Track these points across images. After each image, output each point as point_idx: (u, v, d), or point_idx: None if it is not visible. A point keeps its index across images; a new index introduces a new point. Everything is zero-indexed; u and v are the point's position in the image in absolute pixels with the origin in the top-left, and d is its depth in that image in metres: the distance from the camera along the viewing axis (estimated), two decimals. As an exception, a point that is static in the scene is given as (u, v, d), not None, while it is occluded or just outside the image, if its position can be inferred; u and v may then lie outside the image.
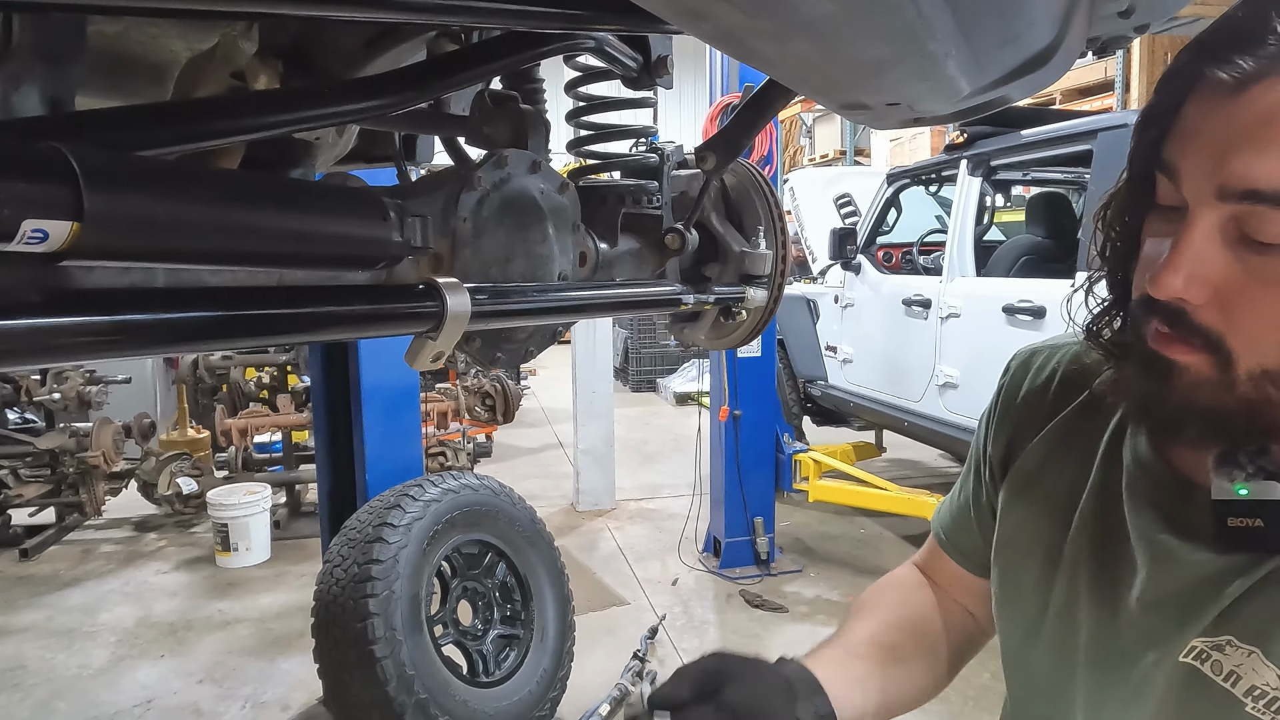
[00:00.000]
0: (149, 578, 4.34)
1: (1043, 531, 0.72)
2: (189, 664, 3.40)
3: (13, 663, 3.43)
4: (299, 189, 0.60)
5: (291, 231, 0.53)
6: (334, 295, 0.56)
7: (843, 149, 11.07)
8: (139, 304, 0.45)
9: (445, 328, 0.63)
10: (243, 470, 5.14)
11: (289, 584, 4.20)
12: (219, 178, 0.51)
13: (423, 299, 0.62)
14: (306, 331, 0.54)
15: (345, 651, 2.34)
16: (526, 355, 0.99)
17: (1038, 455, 0.75)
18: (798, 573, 4.26)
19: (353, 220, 0.58)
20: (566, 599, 2.97)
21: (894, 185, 4.87)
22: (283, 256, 0.54)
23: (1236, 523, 0.54)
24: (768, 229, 1.37)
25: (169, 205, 0.45)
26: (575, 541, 4.78)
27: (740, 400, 4.20)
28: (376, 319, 0.58)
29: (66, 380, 4.92)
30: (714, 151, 1.15)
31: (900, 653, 0.83)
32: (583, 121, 1.28)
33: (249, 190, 0.50)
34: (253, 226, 0.49)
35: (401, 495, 2.62)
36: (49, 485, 4.84)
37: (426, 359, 0.65)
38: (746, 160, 1.49)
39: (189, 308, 0.47)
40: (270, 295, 0.53)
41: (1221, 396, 0.54)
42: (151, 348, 0.46)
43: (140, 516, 5.20)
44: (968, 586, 0.88)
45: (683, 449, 6.37)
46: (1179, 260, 0.52)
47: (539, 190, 0.95)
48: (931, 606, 0.88)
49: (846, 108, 0.77)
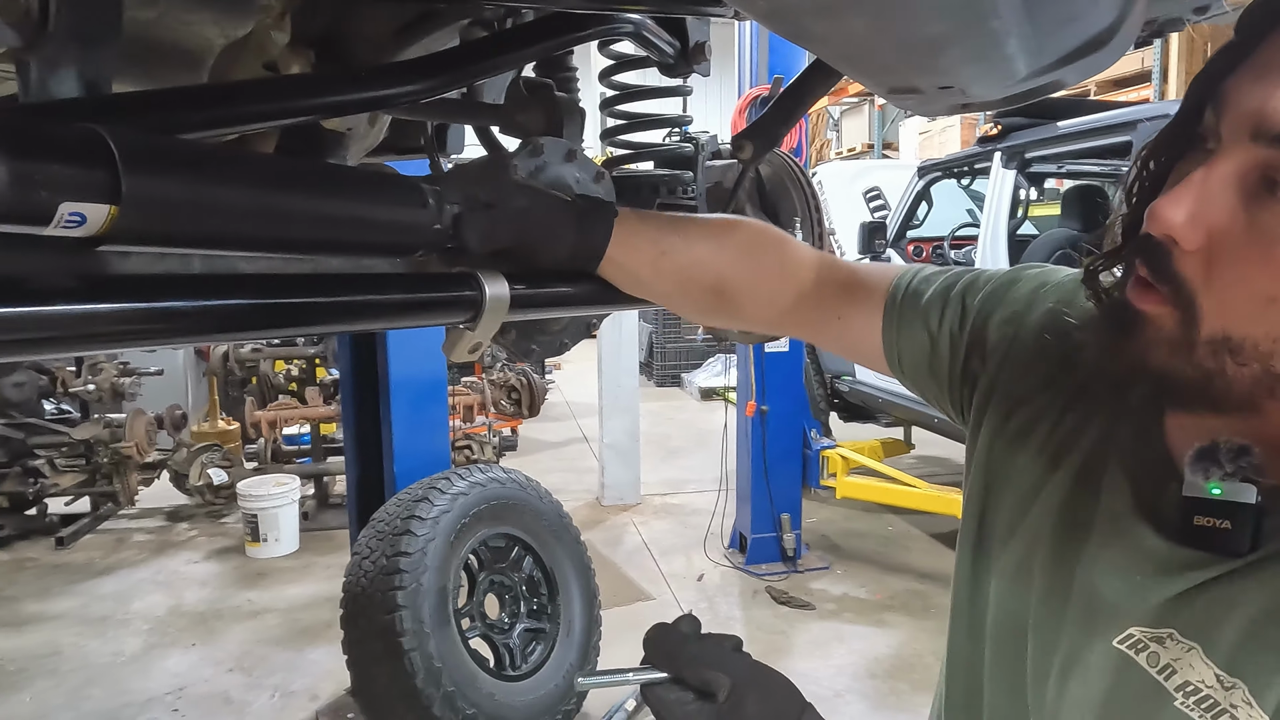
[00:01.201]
0: (180, 567, 4.40)
1: (1024, 476, 0.67)
2: (218, 653, 3.44)
3: (48, 649, 3.49)
4: (337, 174, 0.59)
5: (329, 217, 0.51)
6: (370, 284, 0.54)
7: (870, 142, 10.96)
8: (176, 290, 0.44)
9: (484, 317, 0.62)
10: (272, 462, 5.20)
11: (317, 575, 4.24)
12: (257, 161, 0.50)
13: (460, 287, 0.61)
14: (343, 321, 0.53)
15: (373, 643, 2.35)
16: (561, 347, 0.97)
17: (1041, 396, 0.69)
18: (825, 570, 4.23)
19: (391, 206, 0.56)
20: (593, 593, 2.96)
21: (925, 178, 4.80)
22: (321, 243, 0.52)
23: (1203, 522, 0.52)
24: (804, 220, 1.34)
25: (207, 189, 0.44)
26: (600, 536, 4.77)
27: (767, 396, 4.16)
28: (414, 308, 0.57)
29: (101, 372, 5.00)
30: (751, 140, 1.12)
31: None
32: (616, 111, 1.26)
33: (287, 174, 0.49)
34: (291, 211, 0.48)
35: (429, 488, 2.62)
36: (84, 475, 4.92)
37: (464, 350, 0.63)
38: (782, 150, 1.46)
39: (225, 295, 0.45)
40: (306, 283, 0.52)
41: (1176, 359, 0.51)
42: (187, 336, 0.45)
43: (172, 506, 5.27)
44: (850, 329, 0.82)
45: (707, 444, 6.35)
46: (1186, 194, 0.49)
47: (574, 179, 0.93)
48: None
49: (895, 92, 0.74)
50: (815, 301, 0.84)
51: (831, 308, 0.84)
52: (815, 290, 0.84)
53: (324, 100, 0.59)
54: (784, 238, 0.88)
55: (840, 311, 0.84)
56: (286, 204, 0.48)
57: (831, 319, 0.85)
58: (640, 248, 0.78)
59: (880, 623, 3.67)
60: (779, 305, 0.85)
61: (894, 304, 0.81)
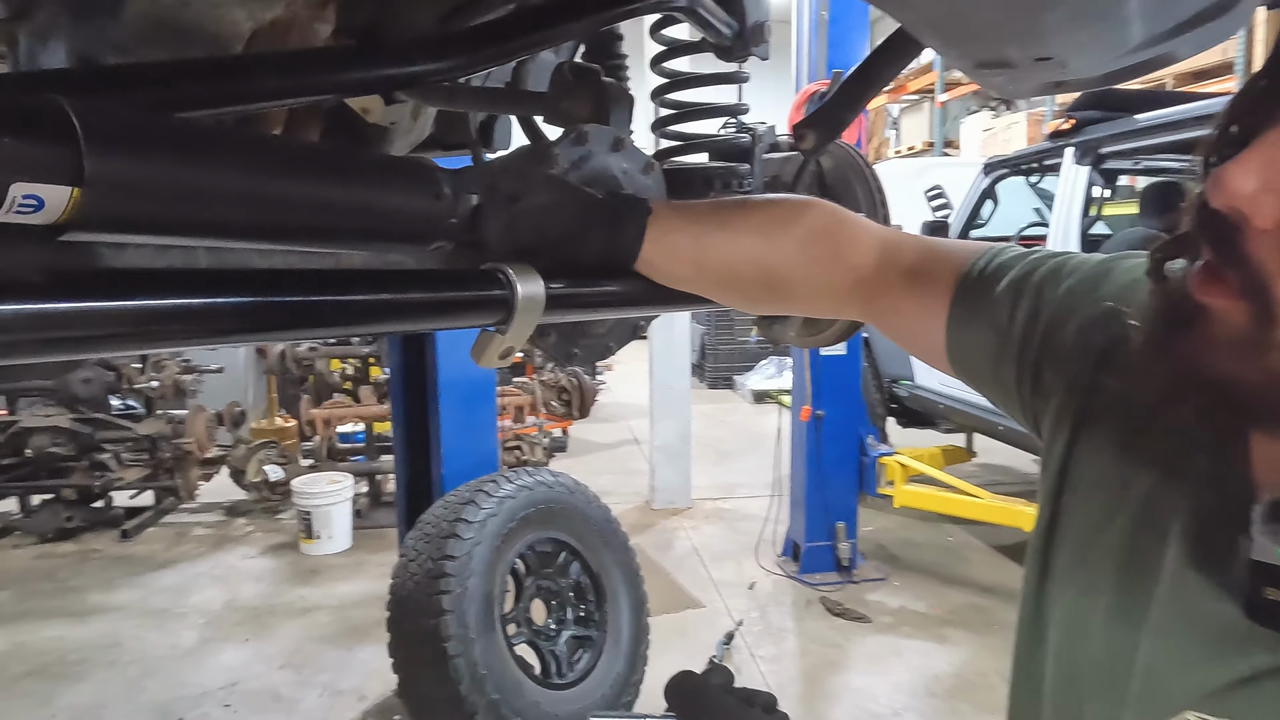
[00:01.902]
0: (236, 562, 4.47)
1: (1088, 510, 0.57)
2: (270, 649, 3.47)
3: (109, 640, 3.56)
4: (338, 156, 0.53)
5: (329, 203, 0.46)
6: (387, 282, 0.48)
7: (930, 140, 10.67)
8: (156, 287, 0.38)
9: (515, 319, 0.55)
10: (327, 459, 5.26)
11: (368, 573, 4.26)
12: (245, 141, 0.44)
13: (489, 286, 0.54)
14: (354, 322, 0.47)
15: (418, 648, 2.32)
16: (606, 351, 0.90)
17: (1120, 410, 0.58)
18: (881, 581, 4.09)
19: (400, 194, 0.50)
20: (641, 601, 2.90)
21: (991, 175, 4.61)
22: (319, 231, 0.47)
23: (1276, 595, 0.42)
24: (870, 215, 1.24)
25: (186, 170, 0.38)
26: (650, 540, 4.70)
27: (823, 400, 4.04)
28: (436, 309, 0.50)
29: (164, 369, 5.12)
30: (812, 129, 1.04)
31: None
32: (668, 100, 1.19)
33: (279, 156, 0.43)
34: (282, 196, 0.42)
35: (476, 491, 2.58)
36: (148, 469, 5.04)
37: (494, 355, 0.57)
38: (845, 142, 1.37)
39: (209, 292, 0.40)
40: (311, 280, 0.46)
41: (1243, 363, 0.41)
42: (169, 339, 0.40)
43: (231, 501, 5.37)
44: (909, 320, 0.73)
45: (760, 448, 6.23)
46: (1258, 157, 0.39)
47: (621, 170, 0.86)
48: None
49: (984, 66, 0.65)
50: (874, 289, 0.75)
51: (890, 298, 0.75)
52: (875, 277, 0.75)
53: (340, 77, 0.53)
54: (842, 219, 0.79)
55: (899, 304, 0.74)
56: (278, 188, 0.42)
57: (890, 311, 0.75)
58: (679, 246, 0.71)
59: (940, 638, 3.53)
60: (835, 295, 0.77)
61: (963, 292, 0.70)
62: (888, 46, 0.89)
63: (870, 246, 0.76)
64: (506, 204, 0.61)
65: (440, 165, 0.57)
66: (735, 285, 0.74)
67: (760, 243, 0.74)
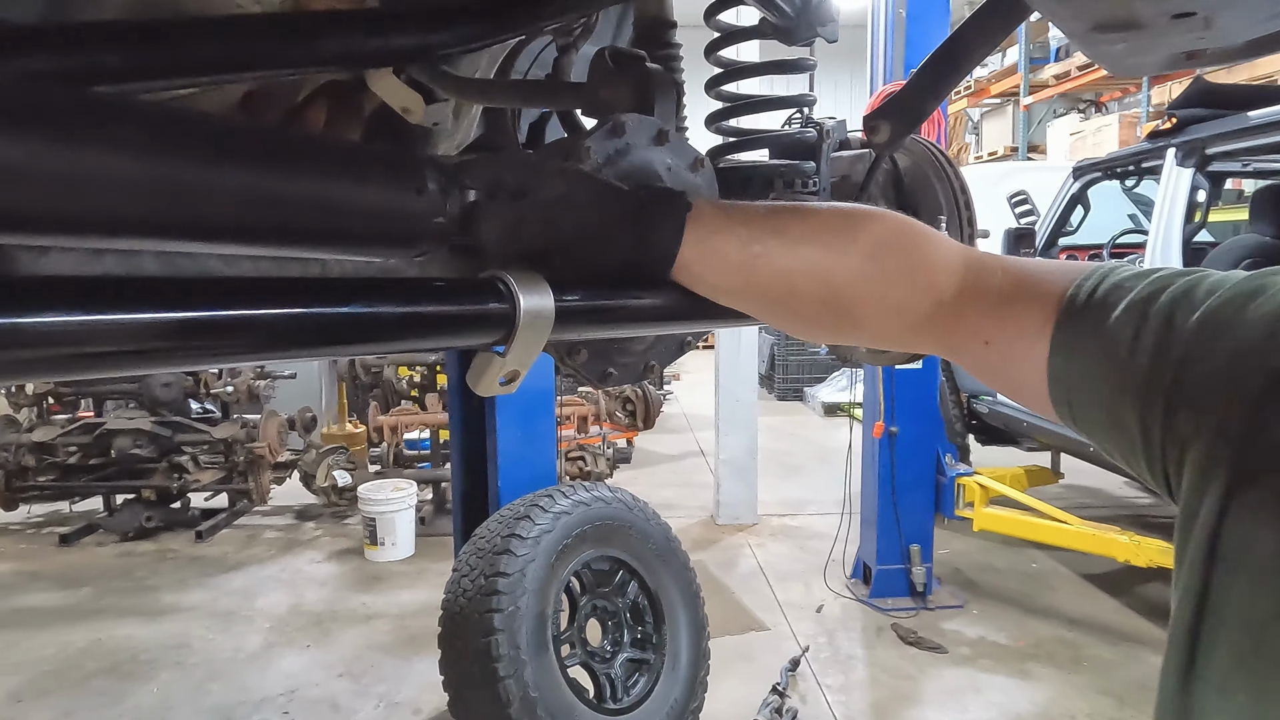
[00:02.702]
0: (303, 566, 4.52)
1: (1261, 587, 0.44)
2: (330, 656, 3.47)
3: (179, 640, 3.63)
4: (283, 140, 0.44)
5: (270, 197, 0.37)
6: (357, 292, 0.39)
7: (1013, 145, 10.27)
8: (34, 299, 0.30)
9: (518, 338, 0.46)
10: (393, 466, 5.30)
11: (429, 581, 4.25)
12: (160, 116, 0.36)
13: (485, 298, 0.45)
14: (308, 344, 0.38)
15: (468, 667, 2.25)
16: (646, 371, 0.80)
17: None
18: (958, 609, 3.86)
19: (366, 188, 0.41)
20: (701, 624, 2.78)
21: (1081, 179, 4.34)
22: (260, 231, 0.38)
23: None
24: (951, 219, 1.11)
25: (70, 152, 0.30)
26: (713, 557, 4.57)
27: (897, 415, 3.85)
28: (417, 326, 0.41)
29: (239, 374, 5.24)
30: (887, 120, 0.92)
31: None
32: (724, 92, 1.08)
33: (203, 137, 0.35)
34: (204, 187, 0.34)
35: (531, 505, 2.51)
36: (223, 472, 5.17)
37: (493, 380, 0.48)
38: (923, 137, 1.24)
39: (111, 307, 0.32)
40: (268, 289, 0.38)
41: None
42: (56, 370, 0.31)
43: (301, 505, 5.47)
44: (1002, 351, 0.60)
45: (830, 463, 6.02)
46: None
47: (665, 166, 0.76)
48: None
49: (1105, 28, 0.53)
50: (955, 316, 0.64)
51: (977, 327, 0.63)
52: (957, 301, 0.64)
53: (316, 47, 0.45)
54: (918, 232, 0.67)
55: (989, 334, 0.62)
56: (200, 177, 0.34)
57: (976, 342, 0.63)
58: (725, 251, 0.60)
59: (1023, 674, 3.29)
60: (910, 319, 0.65)
61: (1068, 320, 0.58)
62: (979, 17, 0.76)
63: (951, 265, 0.64)
64: (510, 200, 0.52)
65: (434, 158, 0.48)
66: (790, 303, 0.64)
67: (823, 253, 0.63)
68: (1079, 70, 8.29)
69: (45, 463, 4.99)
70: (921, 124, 0.94)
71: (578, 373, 0.73)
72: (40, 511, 5.38)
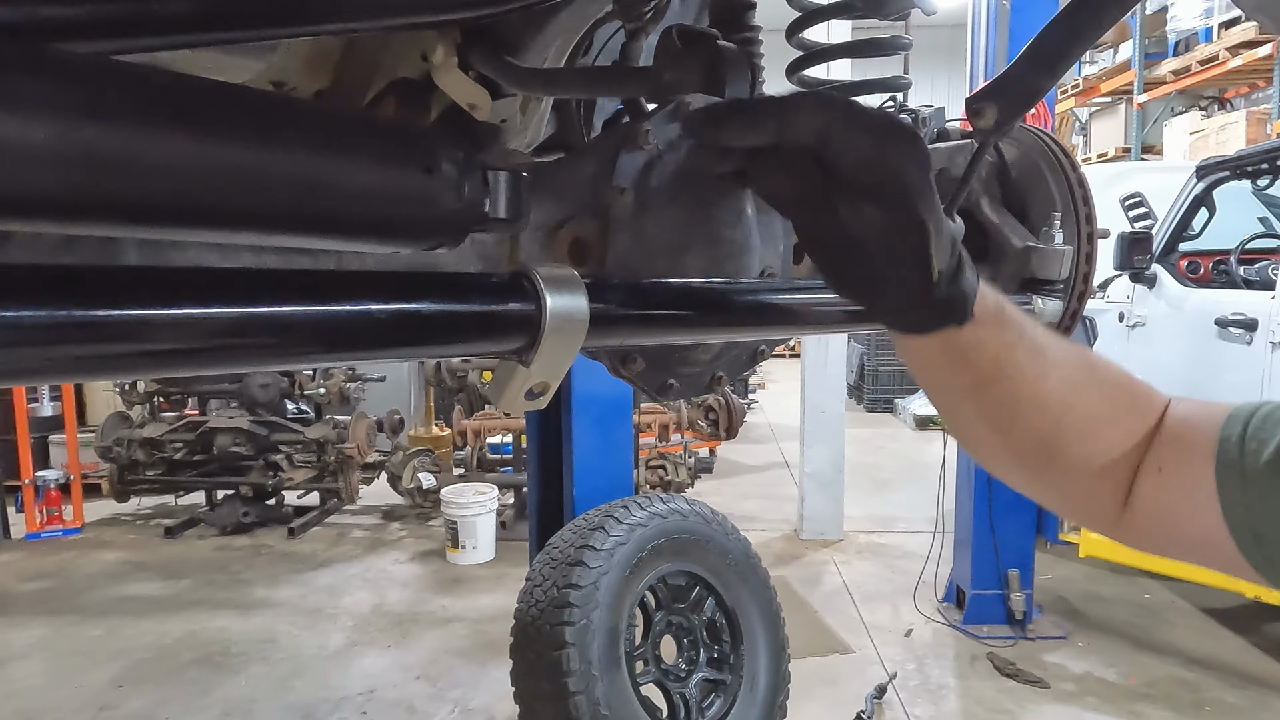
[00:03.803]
0: (387, 566, 4.60)
1: None
2: (409, 658, 3.50)
3: (266, 635, 3.73)
4: (256, 104, 0.37)
5: (226, 173, 0.30)
6: (328, 286, 0.33)
7: (1126, 145, 9.71)
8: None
9: (543, 345, 0.39)
10: (476, 470, 5.35)
11: (507, 586, 4.25)
12: (113, 72, 0.30)
13: (505, 298, 0.38)
14: (286, 351, 0.32)
15: (539, 680, 2.20)
16: (713, 384, 0.72)
17: None
18: (1062, 640, 3.59)
19: (357, 163, 0.35)
20: (781, 645, 2.65)
21: (1205, 180, 4.01)
22: (215, 213, 0.32)
23: None
24: (1067, 215, 0.99)
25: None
26: (796, 573, 4.42)
27: (995, 431, 3.62)
28: (411, 329, 0.34)
29: (331, 376, 5.40)
30: (993, 102, 0.81)
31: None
32: (806, 78, 0.99)
33: (145, 93, 0.29)
34: (140, 156, 0.28)
35: (606, 516, 2.45)
36: (314, 471, 5.33)
37: (517, 393, 0.40)
38: (1033, 125, 1.11)
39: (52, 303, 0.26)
40: (243, 282, 0.31)
41: None
42: None
43: (388, 506, 5.58)
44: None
45: (921, 479, 5.76)
46: None
47: (735, 153, 0.68)
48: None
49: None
50: (1140, 448, 0.59)
51: (1152, 453, 0.58)
52: (1147, 433, 0.59)
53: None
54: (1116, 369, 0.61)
55: (1161, 458, 0.58)
56: (131, 142, 0.28)
57: (1150, 470, 0.58)
58: (984, 341, 0.51)
59: (1135, 715, 3.03)
60: (1109, 462, 0.59)
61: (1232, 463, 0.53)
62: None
63: (1156, 402, 0.60)
64: (812, 169, 0.43)
65: (449, 131, 0.41)
66: (1003, 427, 0.56)
67: (1069, 390, 0.55)
68: (1200, 65, 7.73)
69: (154, 458, 5.25)
70: (1034, 106, 0.83)
71: (634, 384, 0.66)
72: (149, 504, 5.67)
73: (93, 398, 6.35)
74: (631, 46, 0.93)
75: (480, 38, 1.01)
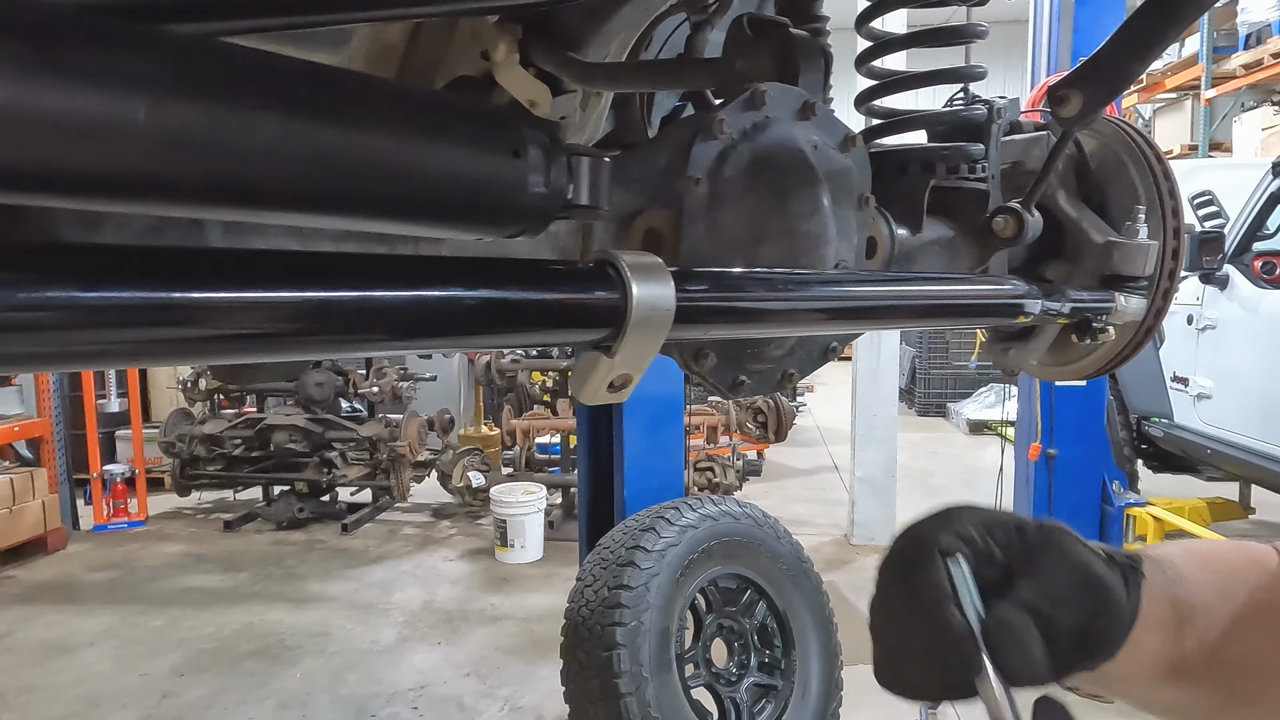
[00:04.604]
0: (437, 563, 4.65)
1: None
2: (459, 655, 3.53)
3: (321, 629, 3.80)
4: (344, 82, 0.36)
5: (293, 151, 0.29)
6: (417, 272, 0.32)
7: (1192, 143, 9.37)
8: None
9: (628, 336, 0.37)
10: (524, 469, 5.39)
11: (555, 586, 4.26)
12: (186, 48, 0.30)
13: (589, 285, 0.37)
14: (359, 337, 0.31)
15: (589, 681, 2.20)
16: (783, 380, 0.70)
17: None
18: (1126, 653, 3.47)
19: (449, 146, 0.34)
20: (834, 652, 2.61)
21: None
22: (276, 195, 0.31)
23: None
24: (1152, 211, 0.94)
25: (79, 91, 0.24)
26: (846, 579, 4.34)
27: (1057, 436, 3.52)
28: (500, 316, 0.34)
29: (384, 375, 5.48)
30: (1079, 90, 0.77)
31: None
32: (875, 69, 0.96)
33: (269, 76, 0.28)
34: (275, 137, 0.27)
35: (657, 517, 2.44)
36: (367, 469, 5.42)
37: (600, 385, 0.39)
38: (1113, 115, 1.07)
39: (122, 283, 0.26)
40: (316, 266, 0.31)
41: None
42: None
43: (438, 503, 5.65)
44: None
45: (975, 485, 5.63)
46: None
47: (810, 143, 0.66)
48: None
49: None
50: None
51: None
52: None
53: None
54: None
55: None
56: (233, 123, 0.27)
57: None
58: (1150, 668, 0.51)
59: (1205, 734, 2.90)
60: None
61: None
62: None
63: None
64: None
65: (532, 114, 0.40)
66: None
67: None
68: (1273, 58, 7.42)
69: (214, 453, 5.39)
70: (1122, 93, 0.79)
71: (704, 380, 0.64)
72: (208, 499, 5.83)
73: (157, 394, 6.56)
74: (697, 38, 0.92)
75: (542, 33, 1.00)
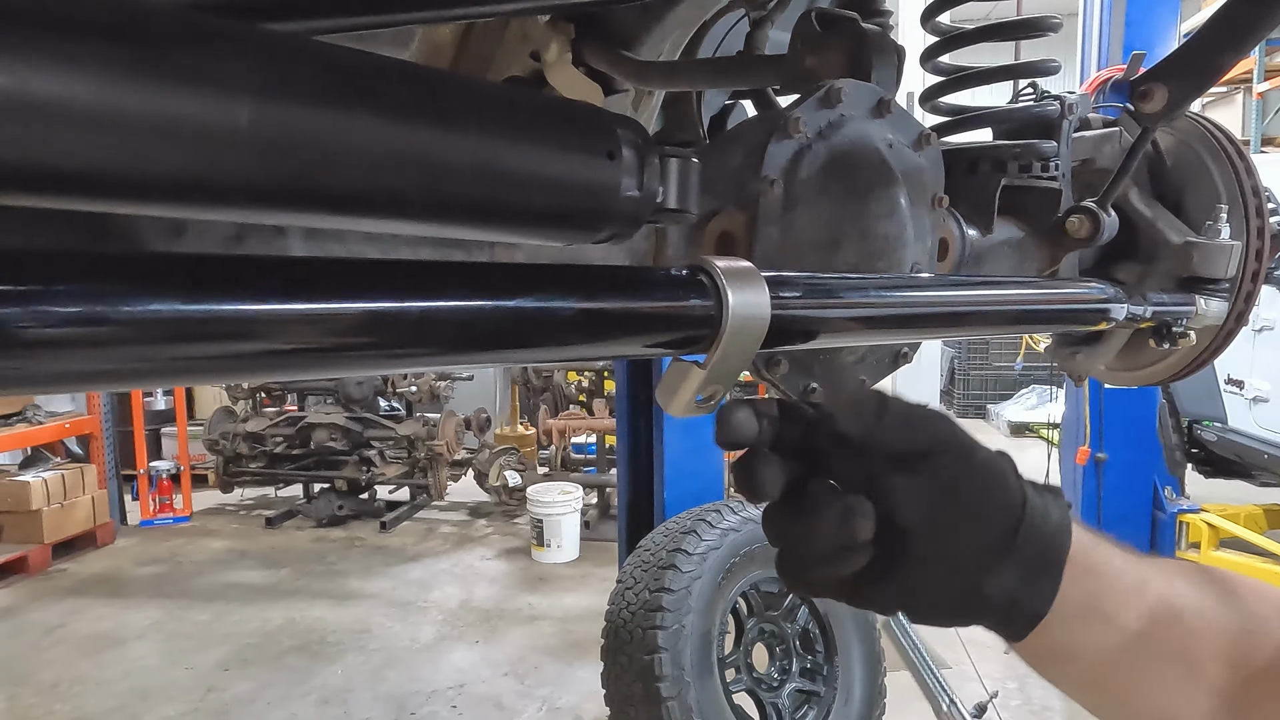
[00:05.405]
0: (475, 562, 4.67)
1: None
2: (497, 654, 3.54)
3: (361, 625, 3.83)
4: (444, 81, 0.35)
5: (415, 154, 0.28)
6: (509, 281, 0.31)
7: (1244, 138, 9.10)
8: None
9: (722, 345, 0.36)
10: (560, 469, 5.40)
11: (592, 586, 4.26)
12: (285, 47, 0.29)
13: (683, 294, 0.35)
14: (455, 350, 0.29)
15: (630, 684, 2.18)
16: (856, 387, 0.68)
17: None
18: (1178, 664, 3.37)
19: (546, 148, 0.32)
20: (876, 658, 2.57)
21: (1344, 172, 3.71)
22: (359, 198, 0.29)
23: None
24: (1234, 210, 0.91)
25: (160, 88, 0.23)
26: (887, 583, 4.28)
27: (1106, 440, 3.43)
28: (595, 326, 0.32)
29: (422, 375, 5.52)
30: (1164, 84, 0.74)
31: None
32: (942, 65, 0.93)
33: (342, 70, 0.27)
34: (339, 138, 0.26)
35: (698, 520, 2.42)
36: (405, 467, 5.46)
37: (688, 397, 0.37)
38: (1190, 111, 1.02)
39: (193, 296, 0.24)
40: (410, 275, 0.29)
41: None
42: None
43: (475, 502, 5.68)
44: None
45: (1019, 489, 5.51)
46: None
47: (885, 142, 0.64)
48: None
49: None
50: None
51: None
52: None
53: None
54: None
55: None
56: (333, 126, 0.25)
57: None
58: (1086, 645, 0.46)
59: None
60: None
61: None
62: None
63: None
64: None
65: (626, 116, 0.38)
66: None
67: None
68: (1332, 49, 7.19)
69: (256, 451, 5.48)
70: (1212, 86, 0.76)
71: (775, 386, 0.62)
72: (251, 495, 5.92)
73: (201, 392, 6.68)
74: (757, 35, 0.89)
75: (594, 32, 0.99)
